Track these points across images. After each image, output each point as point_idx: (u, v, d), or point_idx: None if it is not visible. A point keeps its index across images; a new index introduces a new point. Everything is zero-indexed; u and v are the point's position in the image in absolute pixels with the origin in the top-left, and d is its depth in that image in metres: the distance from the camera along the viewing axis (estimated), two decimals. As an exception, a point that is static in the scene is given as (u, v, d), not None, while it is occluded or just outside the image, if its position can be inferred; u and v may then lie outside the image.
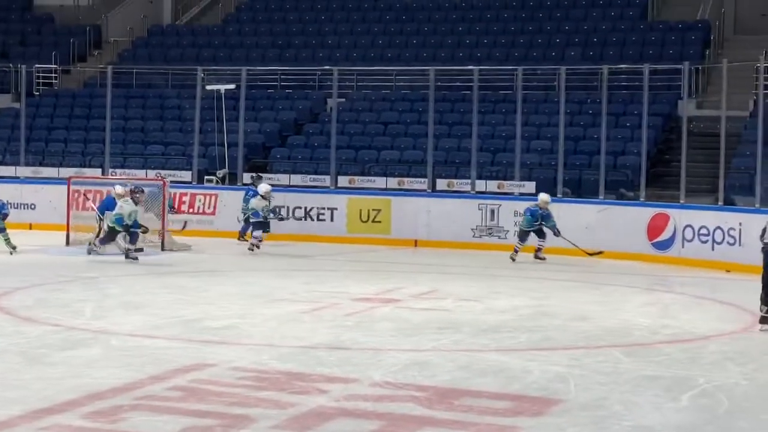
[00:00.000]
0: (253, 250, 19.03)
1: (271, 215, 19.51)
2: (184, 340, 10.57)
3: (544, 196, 18.91)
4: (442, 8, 29.50)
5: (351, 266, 17.82)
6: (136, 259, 17.16)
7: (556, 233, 18.76)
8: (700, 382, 9.04)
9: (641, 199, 20.06)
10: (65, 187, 20.69)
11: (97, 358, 9.59)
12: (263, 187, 19.48)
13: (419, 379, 8.90)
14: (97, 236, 18.36)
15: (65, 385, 8.38)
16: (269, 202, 19.43)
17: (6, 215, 17.92)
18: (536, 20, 28.16)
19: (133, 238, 17.32)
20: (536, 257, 18.78)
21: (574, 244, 18.80)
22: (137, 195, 17.65)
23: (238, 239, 20.41)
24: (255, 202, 19.23)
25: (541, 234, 18.79)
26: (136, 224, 17.42)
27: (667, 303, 14.47)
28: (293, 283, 15.36)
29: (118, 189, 18.59)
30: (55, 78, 29.24)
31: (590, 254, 18.80)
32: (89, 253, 17.93)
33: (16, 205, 22.70)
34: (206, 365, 9.24)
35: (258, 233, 19.18)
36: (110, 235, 17.59)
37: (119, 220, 17.18)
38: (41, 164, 24.54)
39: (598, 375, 9.28)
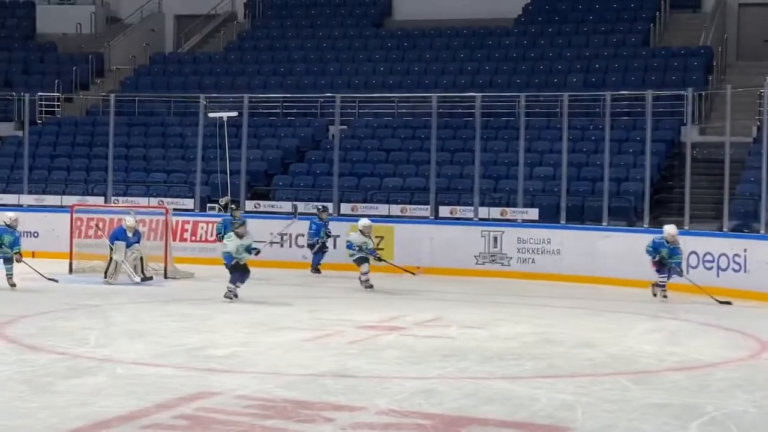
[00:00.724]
0: (370, 287, 17.96)
1: (371, 254, 18.33)
2: (189, 369, 10.53)
3: (669, 229, 17.09)
4: (443, 35, 29.57)
5: (354, 294, 17.76)
6: (235, 296, 16.08)
7: (679, 272, 16.90)
8: (708, 409, 8.98)
9: (645, 226, 20.02)
10: (68, 215, 20.71)
11: (103, 386, 9.54)
12: (364, 222, 18.54)
13: (425, 407, 8.86)
14: (108, 266, 18.34)
15: (71, 413, 8.34)
16: (370, 238, 18.39)
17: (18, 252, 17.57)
18: (538, 47, 28.22)
19: (244, 276, 16.21)
20: (661, 294, 17.01)
21: (700, 288, 17.02)
22: (239, 229, 16.32)
23: (312, 271, 20.24)
24: (354, 237, 18.24)
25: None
26: (249, 248, 16.37)
27: (672, 330, 14.41)
28: (297, 310, 15.32)
29: (129, 221, 18.58)
30: (58, 106, 29.27)
31: (720, 302, 16.54)
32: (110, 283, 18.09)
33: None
34: (211, 393, 9.19)
35: (365, 268, 18.10)
36: (235, 269, 16.23)
37: (228, 257, 16.12)
38: (44, 192, 24.52)
39: (605, 403, 9.23)
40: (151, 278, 18.33)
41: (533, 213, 21.22)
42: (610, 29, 28.46)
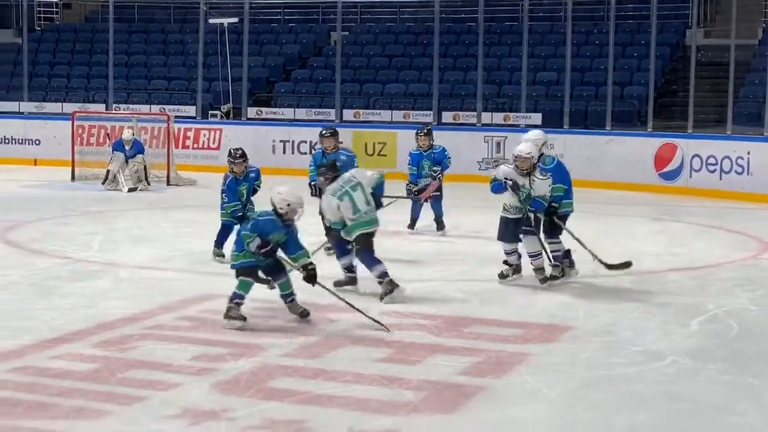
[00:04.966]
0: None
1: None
2: (193, 272, 10.59)
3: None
4: (446, -61, 29.15)
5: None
6: None
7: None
8: (709, 308, 9.03)
9: (648, 130, 19.95)
10: (69, 122, 20.64)
11: (107, 289, 9.61)
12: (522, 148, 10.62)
13: (426, 309, 8.91)
14: (107, 175, 18.27)
15: (75, 315, 8.41)
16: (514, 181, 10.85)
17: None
18: (542, -50, 27.81)
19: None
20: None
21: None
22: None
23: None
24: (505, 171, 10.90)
25: None
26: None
27: (675, 232, 14.42)
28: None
29: (126, 134, 18.50)
30: (57, 12, 29.01)
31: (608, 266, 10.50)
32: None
33: (20, 141, 22.75)
34: (215, 296, 9.21)
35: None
36: None
37: None
38: (44, 100, 24.41)
39: (606, 303, 9.29)
40: (136, 188, 18.14)
41: (536, 118, 21.09)
42: (614, -69, 27.97)
